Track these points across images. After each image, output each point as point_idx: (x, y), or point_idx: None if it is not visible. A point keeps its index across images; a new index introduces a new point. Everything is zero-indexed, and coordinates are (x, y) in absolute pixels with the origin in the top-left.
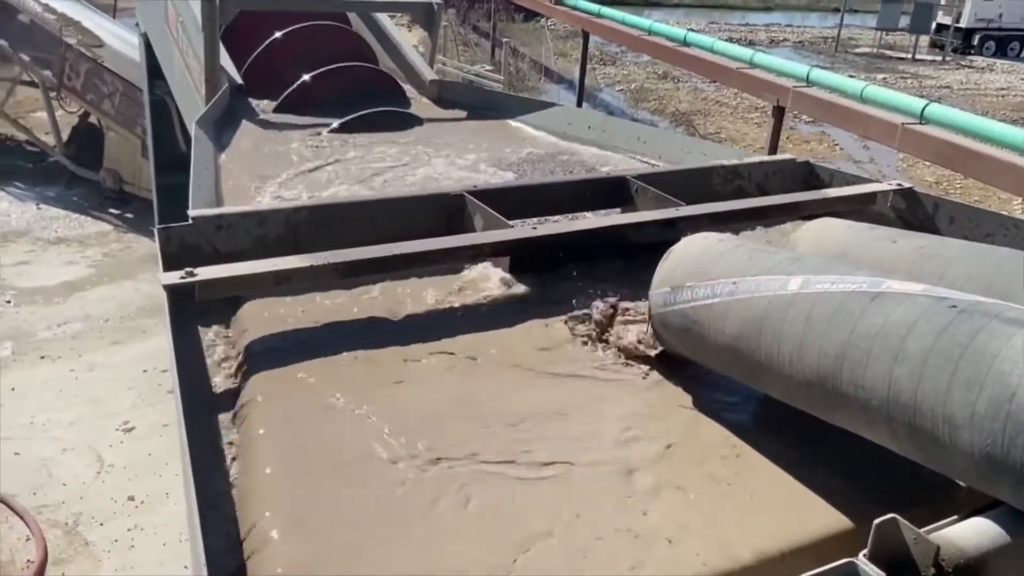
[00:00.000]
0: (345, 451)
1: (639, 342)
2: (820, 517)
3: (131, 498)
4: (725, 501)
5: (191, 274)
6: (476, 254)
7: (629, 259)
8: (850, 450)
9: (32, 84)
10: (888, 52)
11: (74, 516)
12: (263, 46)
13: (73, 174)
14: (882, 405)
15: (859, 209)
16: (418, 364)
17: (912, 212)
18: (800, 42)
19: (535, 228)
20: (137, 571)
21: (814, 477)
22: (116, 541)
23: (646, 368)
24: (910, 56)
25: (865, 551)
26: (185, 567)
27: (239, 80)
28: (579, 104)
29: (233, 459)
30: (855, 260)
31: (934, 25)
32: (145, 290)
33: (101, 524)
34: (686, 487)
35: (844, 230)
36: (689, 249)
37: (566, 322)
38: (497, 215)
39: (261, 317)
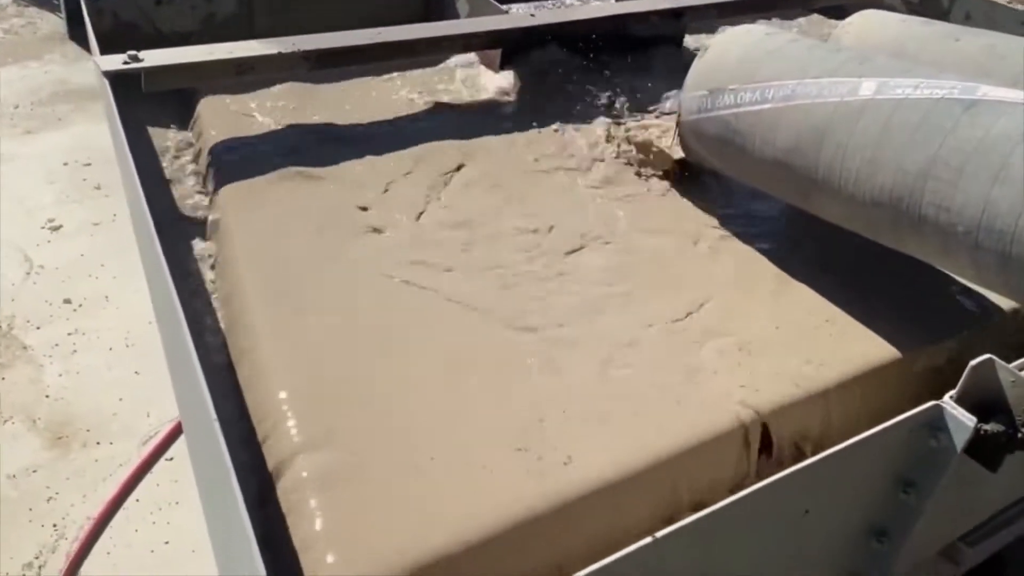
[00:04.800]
0: (329, 280)
1: (658, 148)
2: (864, 346)
3: (67, 301)
4: (771, 332)
5: (135, 59)
6: (467, 44)
7: (630, 55)
8: (886, 276)
9: None
10: None
11: (7, 319)
12: None
13: None
14: (970, 231)
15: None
16: (403, 176)
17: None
18: None
19: (533, 15)
20: (83, 377)
21: (853, 305)
22: (57, 346)
23: (662, 182)
24: None
25: (952, 393)
26: (136, 372)
27: None
28: None
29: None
30: (914, 61)
31: None
32: (56, 73)
33: (38, 328)
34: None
35: (896, 24)
36: (731, 45)
37: (559, 128)
38: None
39: (223, 116)
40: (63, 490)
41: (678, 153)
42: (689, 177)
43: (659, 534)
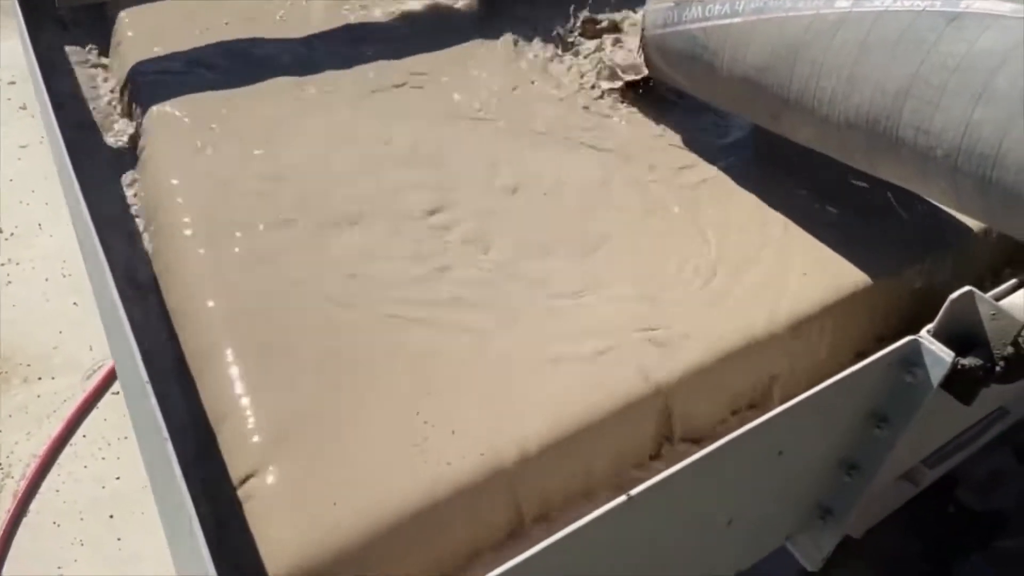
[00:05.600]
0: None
1: (624, 65)
2: (839, 271)
3: None
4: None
5: None
6: None
7: None
8: (852, 198)
9: None
10: None
11: None
12: None
13: None
14: (950, 154)
15: None
16: (344, 107)
17: None
18: None
19: None
20: (20, 309)
21: (827, 230)
22: None
23: (623, 102)
24: None
25: (930, 327)
26: (75, 303)
27: None
28: None
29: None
30: None
31: None
32: None
33: None
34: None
35: None
36: None
37: (518, 42)
38: None
39: (147, 32)
40: (6, 428)
41: (642, 70)
42: (650, 95)
43: (633, 492)
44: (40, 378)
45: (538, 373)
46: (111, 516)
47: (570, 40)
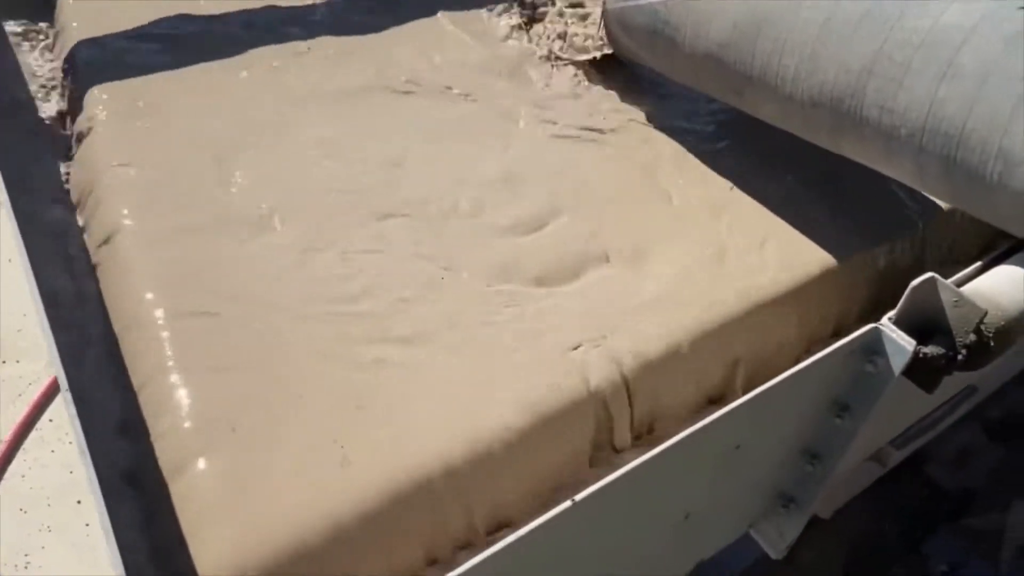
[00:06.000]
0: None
1: (585, 39)
2: (802, 253)
3: None
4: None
5: None
6: None
7: None
8: (817, 179)
9: None
10: None
11: None
12: None
13: None
14: (915, 134)
15: None
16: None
17: None
18: None
19: None
20: None
21: (790, 210)
22: None
23: (583, 78)
24: None
25: (891, 314)
26: None
27: None
28: None
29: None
30: None
31: None
32: None
33: None
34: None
35: None
36: None
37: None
38: None
39: (86, 13)
40: None
41: (605, 47)
42: (611, 71)
43: (577, 497)
44: (4, 362)
45: (471, 383)
46: (79, 502)
47: (537, 11)
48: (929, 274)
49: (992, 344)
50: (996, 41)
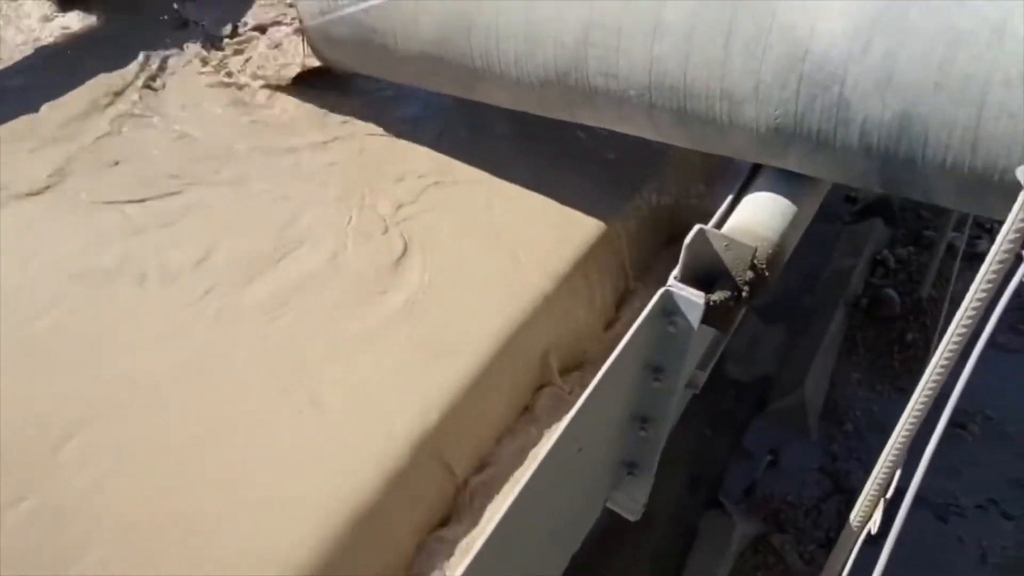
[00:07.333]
0: None
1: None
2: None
3: None
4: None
5: None
6: None
7: None
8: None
9: None
10: None
11: None
12: None
13: None
14: (643, 93)
15: None
16: None
17: None
18: None
19: None
20: None
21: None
22: None
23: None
24: None
25: (675, 273)
26: None
27: None
28: None
29: None
30: None
31: None
32: None
33: None
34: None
35: None
36: None
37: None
38: None
39: None
40: None
41: (311, 61)
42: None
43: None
44: None
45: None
46: None
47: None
48: (697, 227)
49: (767, 273)
50: None
